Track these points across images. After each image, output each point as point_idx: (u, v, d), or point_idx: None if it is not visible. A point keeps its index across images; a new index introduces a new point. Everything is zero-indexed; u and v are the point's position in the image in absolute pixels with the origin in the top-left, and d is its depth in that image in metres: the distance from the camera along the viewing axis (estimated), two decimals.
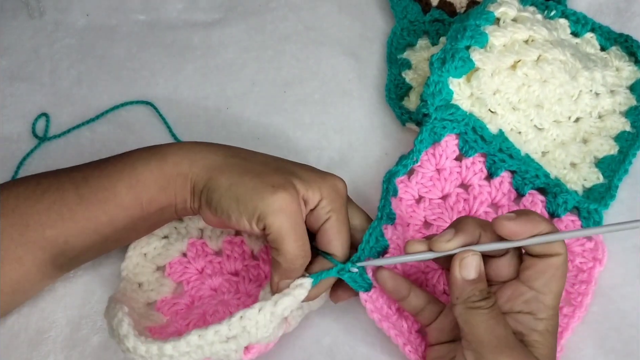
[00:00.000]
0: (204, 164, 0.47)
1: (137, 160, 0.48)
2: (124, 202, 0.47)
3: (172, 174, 0.47)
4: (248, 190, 0.44)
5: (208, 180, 0.46)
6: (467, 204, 0.55)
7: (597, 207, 0.53)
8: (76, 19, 0.69)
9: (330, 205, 0.46)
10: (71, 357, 0.52)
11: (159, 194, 0.47)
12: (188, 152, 0.48)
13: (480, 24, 0.56)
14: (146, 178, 0.47)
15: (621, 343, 0.50)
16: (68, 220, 0.47)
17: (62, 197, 0.47)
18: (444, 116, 0.54)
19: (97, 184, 0.47)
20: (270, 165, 0.47)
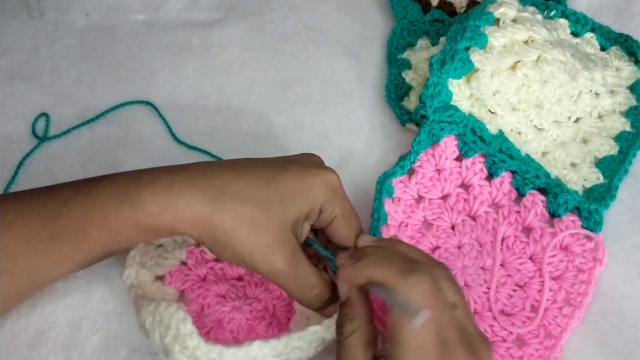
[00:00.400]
0: (191, 215, 0.43)
1: (106, 205, 0.44)
2: (98, 242, 0.44)
3: (152, 225, 0.44)
4: (244, 250, 0.44)
5: (201, 232, 0.44)
6: (468, 204, 0.55)
7: (597, 207, 0.53)
8: (76, 19, 0.69)
9: (331, 206, 0.46)
10: (71, 357, 0.52)
11: (138, 236, 0.45)
12: (166, 199, 0.43)
13: (479, 24, 0.56)
14: (120, 226, 0.44)
15: (621, 343, 0.50)
16: (40, 253, 0.44)
17: (29, 231, 0.44)
18: (442, 118, 0.54)
19: (66, 225, 0.44)
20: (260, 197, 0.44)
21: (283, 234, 0.44)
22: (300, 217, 0.45)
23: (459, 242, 0.54)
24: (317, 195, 0.45)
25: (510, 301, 0.51)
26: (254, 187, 0.45)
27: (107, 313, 0.53)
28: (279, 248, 0.44)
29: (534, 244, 0.53)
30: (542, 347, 0.49)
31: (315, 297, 0.45)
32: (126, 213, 0.43)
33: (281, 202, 0.44)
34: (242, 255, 0.44)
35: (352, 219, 0.47)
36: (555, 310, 0.51)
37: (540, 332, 0.50)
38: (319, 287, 0.45)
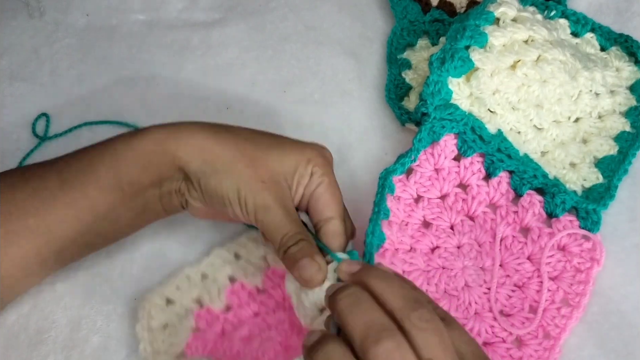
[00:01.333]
0: (194, 143, 0.46)
1: (118, 141, 0.47)
2: (104, 185, 0.46)
3: (155, 151, 0.46)
4: (243, 181, 0.45)
5: (202, 163, 0.46)
6: (466, 204, 0.55)
7: (595, 207, 0.53)
8: (76, 19, 0.69)
9: (322, 170, 0.47)
10: (71, 357, 0.52)
11: (140, 174, 0.46)
12: (172, 129, 0.47)
13: (479, 24, 0.56)
14: (126, 157, 0.46)
15: (621, 343, 0.50)
16: (49, 207, 0.46)
17: (45, 183, 0.46)
18: (442, 116, 0.54)
19: (78, 167, 0.47)
20: (262, 141, 0.47)
21: (278, 177, 0.46)
22: (293, 171, 0.47)
23: (458, 242, 0.54)
24: (311, 156, 0.47)
25: (509, 302, 0.51)
26: (257, 133, 0.49)
27: (107, 313, 0.53)
28: (274, 187, 0.45)
29: (532, 244, 0.53)
30: (541, 347, 0.49)
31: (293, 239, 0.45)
32: (134, 143, 0.46)
33: (280, 150, 0.47)
34: (238, 185, 0.45)
35: (336, 190, 0.48)
36: (553, 311, 0.51)
37: (539, 333, 0.50)
38: (302, 234, 0.45)
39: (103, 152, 0.47)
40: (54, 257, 0.48)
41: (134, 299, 0.54)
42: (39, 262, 0.48)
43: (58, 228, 0.47)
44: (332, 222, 0.47)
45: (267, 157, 0.46)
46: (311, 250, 0.45)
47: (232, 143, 0.46)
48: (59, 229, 0.47)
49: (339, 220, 0.47)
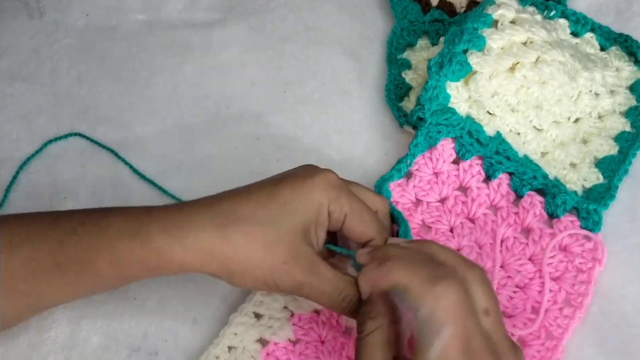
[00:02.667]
0: (201, 248, 0.43)
1: (117, 239, 0.43)
2: (104, 276, 0.44)
3: (160, 260, 0.43)
4: (264, 272, 0.43)
5: (217, 266, 0.43)
6: (466, 207, 0.55)
7: (596, 207, 0.53)
8: (76, 19, 0.69)
9: (339, 204, 0.45)
10: (71, 357, 0.52)
11: (147, 274, 0.44)
12: (176, 235, 0.43)
13: (477, 27, 0.56)
14: (129, 261, 0.43)
15: (621, 343, 0.50)
16: (42, 280, 0.44)
17: (35, 257, 0.44)
18: (439, 121, 0.54)
19: (74, 254, 0.44)
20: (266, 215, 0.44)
21: (296, 246, 0.44)
22: (309, 225, 0.45)
23: (458, 245, 0.54)
24: (320, 198, 0.45)
25: (511, 303, 0.51)
26: (257, 206, 0.44)
27: (107, 313, 0.53)
28: (296, 261, 0.44)
29: (533, 244, 0.53)
30: (544, 348, 0.49)
31: (344, 301, 0.44)
32: (136, 247, 0.43)
33: (287, 214, 0.44)
34: (263, 277, 0.43)
35: (363, 213, 0.46)
36: (555, 311, 0.51)
37: (542, 334, 0.50)
38: (346, 291, 0.44)
39: (100, 245, 0.43)
40: (50, 307, 0.49)
41: (134, 299, 0.54)
42: (32, 311, 0.48)
43: (52, 296, 0.45)
44: (373, 243, 0.46)
45: (278, 233, 0.44)
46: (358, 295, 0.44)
47: (239, 235, 0.43)
48: (53, 296, 0.45)
49: (379, 240, 0.46)
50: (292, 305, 0.51)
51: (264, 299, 0.51)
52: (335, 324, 0.51)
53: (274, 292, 0.46)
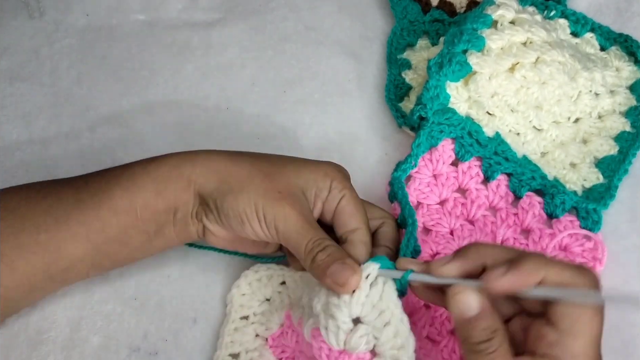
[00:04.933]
0: (209, 165, 0.46)
1: (136, 164, 0.48)
2: (117, 206, 0.46)
3: (170, 176, 0.46)
4: (258, 194, 0.45)
5: (218, 182, 0.46)
6: (465, 209, 0.55)
7: (595, 207, 0.53)
8: (76, 19, 0.69)
9: (341, 185, 0.47)
10: (71, 357, 0.52)
11: (154, 197, 0.46)
12: (189, 154, 0.47)
13: (477, 27, 0.56)
14: (142, 180, 0.47)
15: (621, 343, 0.50)
16: (62, 224, 0.46)
17: (60, 200, 0.47)
18: (440, 120, 0.54)
19: (95, 187, 0.47)
20: (276, 160, 0.48)
21: (295, 189, 0.46)
22: (310, 185, 0.47)
23: (458, 247, 0.53)
24: (327, 171, 0.47)
25: None
26: (272, 155, 0.49)
27: (107, 313, 0.53)
28: (291, 197, 0.45)
29: (533, 245, 0.53)
30: None
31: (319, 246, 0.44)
32: (150, 167, 0.47)
33: (294, 167, 0.47)
34: (255, 200, 0.45)
35: (359, 201, 0.48)
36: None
37: None
38: (326, 240, 0.44)
39: (120, 175, 0.47)
40: (61, 275, 0.48)
41: (134, 299, 0.54)
42: (46, 279, 0.47)
43: (68, 246, 0.46)
44: (358, 232, 0.46)
45: (283, 172, 0.46)
46: (341, 254, 0.44)
47: (247, 162, 0.47)
48: (69, 246, 0.46)
49: (365, 230, 0.47)
50: (261, 330, 0.51)
51: (233, 337, 0.51)
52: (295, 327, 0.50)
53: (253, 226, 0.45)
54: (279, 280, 0.51)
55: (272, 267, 0.52)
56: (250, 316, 0.51)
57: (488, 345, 0.38)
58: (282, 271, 0.51)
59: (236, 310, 0.51)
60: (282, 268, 0.52)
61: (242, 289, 0.52)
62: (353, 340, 0.41)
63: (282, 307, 0.51)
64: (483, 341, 0.38)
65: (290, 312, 0.50)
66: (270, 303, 0.52)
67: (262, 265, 0.52)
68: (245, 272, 0.52)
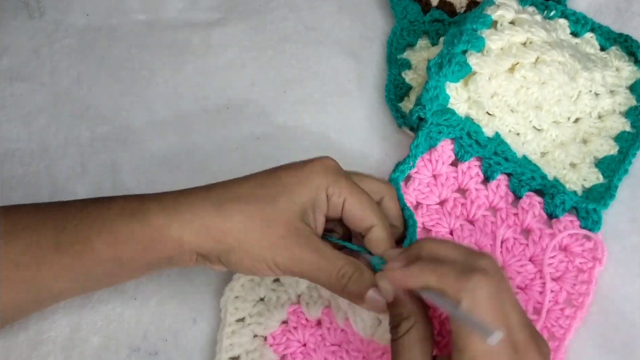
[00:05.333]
0: (199, 223, 0.43)
1: (116, 218, 0.44)
2: (101, 257, 0.44)
3: (160, 239, 0.44)
4: (262, 248, 0.43)
5: (214, 243, 0.43)
6: (465, 209, 0.55)
7: (595, 207, 0.53)
8: (76, 19, 0.69)
9: (337, 189, 0.45)
10: (71, 357, 0.52)
11: (143, 254, 0.44)
12: (174, 212, 0.44)
13: (477, 28, 0.56)
14: (126, 239, 0.44)
15: (621, 343, 0.50)
16: (43, 265, 0.44)
17: (38, 240, 0.44)
18: (439, 121, 0.54)
19: (74, 234, 0.44)
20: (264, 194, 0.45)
21: (295, 223, 0.44)
22: (307, 206, 0.45)
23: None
24: (319, 181, 0.45)
25: None
26: (255, 186, 0.45)
27: (107, 313, 0.53)
28: (295, 237, 0.44)
29: (533, 245, 0.53)
30: None
31: (344, 278, 0.44)
32: (134, 225, 0.44)
33: (285, 194, 0.44)
34: (262, 254, 0.43)
35: (363, 198, 0.46)
36: (557, 312, 0.50)
37: (544, 334, 0.50)
38: (345, 268, 0.44)
39: (100, 225, 0.44)
40: (49, 300, 0.48)
41: (134, 299, 0.54)
42: (35, 304, 0.47)
43: (51, 282, 0.45)
44: (374, 230, 0.46)
45: (276, 210, 0.44)
46: (367, 279, 0.44)
47: (236, 212, 0.44)
48: (53, 282, 0.45)
49: (380, 227, 0.46)
50: (259, 330, 0.51)
51: (231, 340, 0.50)
52: (306, 322, 0.51)
53: (270, 274, 0.45)
54: (272, 278, 0.52)
55: None
56: (246, 317, 0.51)
57: (394, 331, 0.41)
58: None
59: (231, 314, 0.51)
60: None
61: (235, 292, 0.51)
62: (378, 335, 0.45)
63: (282, 303, 0.51)
64: (394, 326, 0.41)
65: (295, 307, 0.51)
66: (266, 302, 0.51)
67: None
68: (237, 275, 0.51)
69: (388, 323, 0.43)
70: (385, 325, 0.44)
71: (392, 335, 0.41)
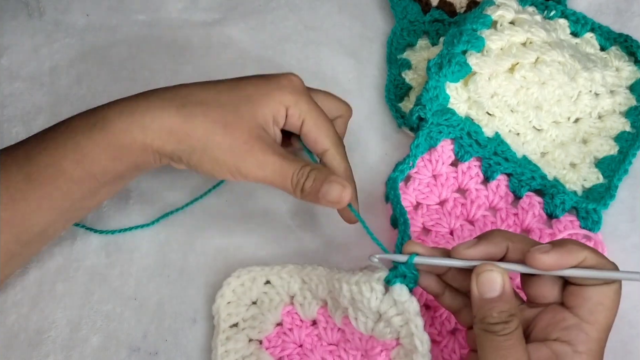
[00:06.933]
0: (161, 126, 0.44)
1: (78, 133, 0.45)
2: (74, 177, 0.44)
3: (122, 143, 0.44)
4: (224, 151, 0.44)
5: (177, 143, 0.44)
6: (465, 209, 0.55)
7: (595, 207, 0.53)
8: (76, 19, 0.69)
9: (297, 109, 0.47)
10: (71, 357, 0.52)
11: (112, 163, 0.45)
12: (133, 115, 0.44)
13: (476, 28, 0.56)
14: (92, 152, 0.44)
15: (621, 343, 0.50)
16: (20, 201, 0.44)
17: (8, 177, 0.44)
18: (439, 121, 0.54)
19: (41, 161, 0.44)
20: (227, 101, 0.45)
21: (257, 131, 0.45)
22: (268, 118, 0.46)
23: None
24: (281, 98, 0.46)
25: None
26: (219, 92, 0.46)
27: (107, 313, 0.53)
28: (258, 142, 0.44)
29: None
30: None
31: (304, 175, 0.45)
32: (96, 136, 0.44)
33: (248, 103, 0.45)
34: (223, 157, 0.44)
35: (320, 120, 0.47)
36: None
37: None
38: (307, 166, 0.45)
39: (64, 145, 0.44)
40: (37, 239, 0.47)
41: (134, 299, 0.54)
42: (22, 246, 0.47)
43: (33, 217, 0.45)
44: (327, 154, 0.47)
45: (239, 116, 0.45)
46: (325, 174, 0.45)
47: (200, 115, 0.44)
48: (34, 217, 0.45)
49: (334, 149, 0.48)
50: (253, 334, 0.50)
51: (226, 347, 0.50)
52: (300, 322, 0.51)
53: (229, 178, 0.45)
54: (263, 280, 0.51)
55: (253, 269, 0.51)
56: (239, 322, 0.51)
57: (504, 327, 0.38)
58: (264, 271, 0.51)
59: (224, 320, 0.51)
60: (262, 268, 0.51)
61: (226, 298, 0.51)
62: (378, 330, 0.45)
63: (275, 306, 0.51)
64: (500, 322, 0.39)
65: (289, 308, 0.50)
66: (259, 305, 0.51)
67: (243, 270, 0.51)
68: (227, 280, 0.51)
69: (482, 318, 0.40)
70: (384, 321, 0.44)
71: (500, 331, 0.39)
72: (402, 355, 0.45)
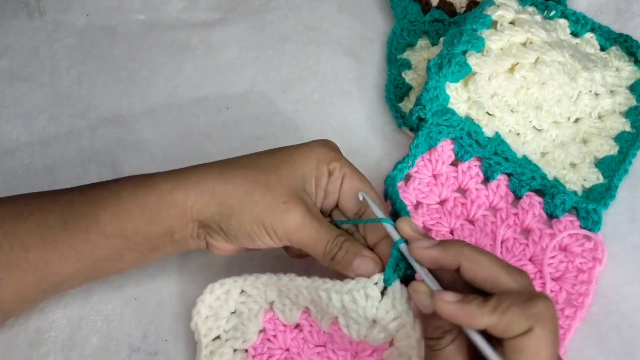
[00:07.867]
0: (204, 188, 0.45)
1: (122, 189, 0.46)
2: (106, 231, 0.45)
3: (162, 204, 0.45)
4: (264, 210, 0.44)
5: (217, 206, 0.44)
6: (465, 208, 0.55)
7: (595, 207, 0.53)
8: (76, 19, 0.69)
9: (338, 164, 0.47)
10: (71, 357, 0.52)
11: (146, 224, 0.45)
12: (179, 178, 0.46)
13: (476, 28, 0.56)
14: (131, 208, 0.45)
15: (621, 343, 0.50)
16: (49, 245, 0.45)
17: (46, 220, 0.45)
18: (439, 121, 0.54)
19: (80, 210, 0.45)
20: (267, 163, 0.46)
21: (296, 191, 0.45)
22: (309, 178, 0.46)
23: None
24: (321, 155, 0.46)
25: None
26: (259, 156, 0.47)
27: (107, 313, 0.53)
28: (296, 203, 0.44)
29: (533, 245, 0.53)
30: None
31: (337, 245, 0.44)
32: (140, 194, 0.45)
33: (288, 164, 0.46)
34: (262, 216, 0.44)
35: (362, 175, 0.47)
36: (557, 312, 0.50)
37: None
38: (342, 236, 0.45)
39: (107, 198, 0.45)
40: (53, 288, 0.48)
41: (134, 299, 0.54)
42: (38, 292, 0.47)
43: (58, 265, 0.46)
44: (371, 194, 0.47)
45: (279, 177, 0.45)
46: (358, 248, 0.45)
47: (240, 177, 0.45)
48: (58, 266, 0.46)
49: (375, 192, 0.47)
50: (238, 344, 0.50)
51: None
52: (284, 327, 0.50)
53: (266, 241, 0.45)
54: (238, 291, 0.50)
55: (226, 282, 0.50)
56: (221, 334, 0.50)
57: (436, 342, 0.40)
58: (237, 282, 0.49)
59: (205, 335, 0.49)
60: (235, 280, 0.49)
61: (203, 313, 0.50)
62: (372, 336, 0.44)
63: (255, 314, 0.50)
64: (434, 338, 0.40)
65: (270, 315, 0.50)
66: (238, 315, 0.50)
67: (215, 284, 0.50)
68: (201, 297, 0.50)
69: (424, 334, 0.42)
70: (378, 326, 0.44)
71: (433, 346, 0.40)
72: (395, 356, 0.45)
